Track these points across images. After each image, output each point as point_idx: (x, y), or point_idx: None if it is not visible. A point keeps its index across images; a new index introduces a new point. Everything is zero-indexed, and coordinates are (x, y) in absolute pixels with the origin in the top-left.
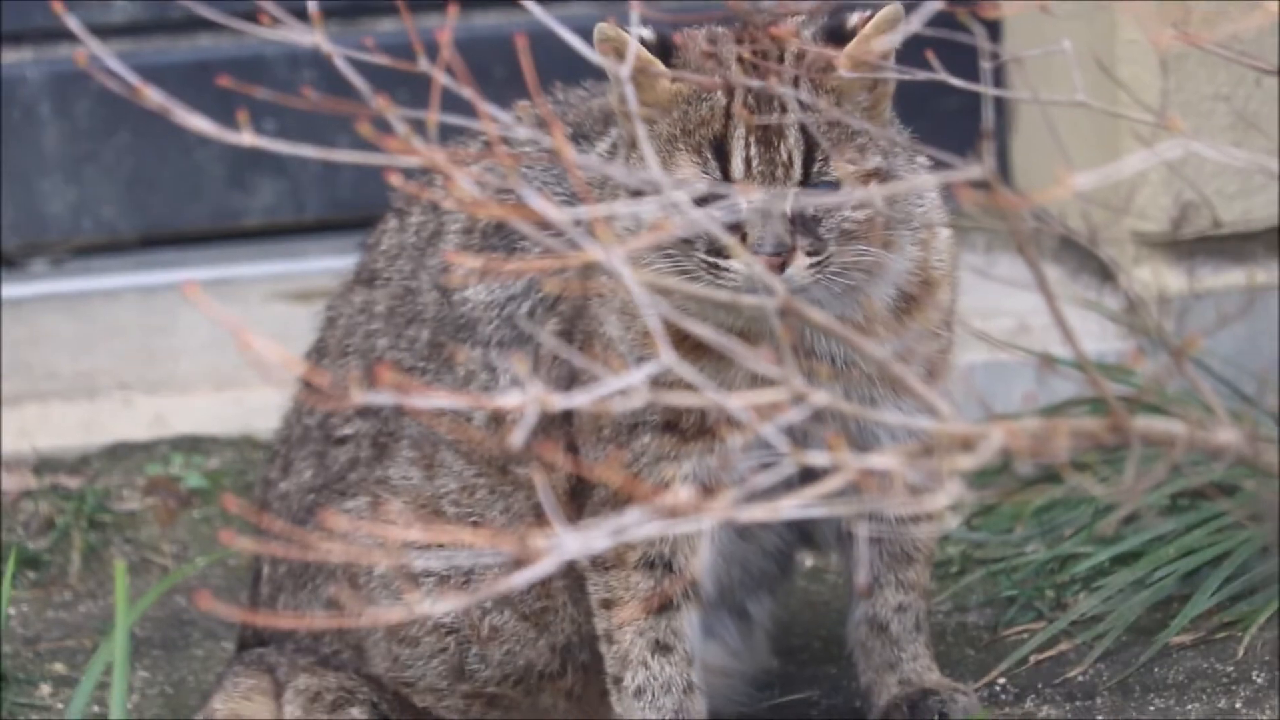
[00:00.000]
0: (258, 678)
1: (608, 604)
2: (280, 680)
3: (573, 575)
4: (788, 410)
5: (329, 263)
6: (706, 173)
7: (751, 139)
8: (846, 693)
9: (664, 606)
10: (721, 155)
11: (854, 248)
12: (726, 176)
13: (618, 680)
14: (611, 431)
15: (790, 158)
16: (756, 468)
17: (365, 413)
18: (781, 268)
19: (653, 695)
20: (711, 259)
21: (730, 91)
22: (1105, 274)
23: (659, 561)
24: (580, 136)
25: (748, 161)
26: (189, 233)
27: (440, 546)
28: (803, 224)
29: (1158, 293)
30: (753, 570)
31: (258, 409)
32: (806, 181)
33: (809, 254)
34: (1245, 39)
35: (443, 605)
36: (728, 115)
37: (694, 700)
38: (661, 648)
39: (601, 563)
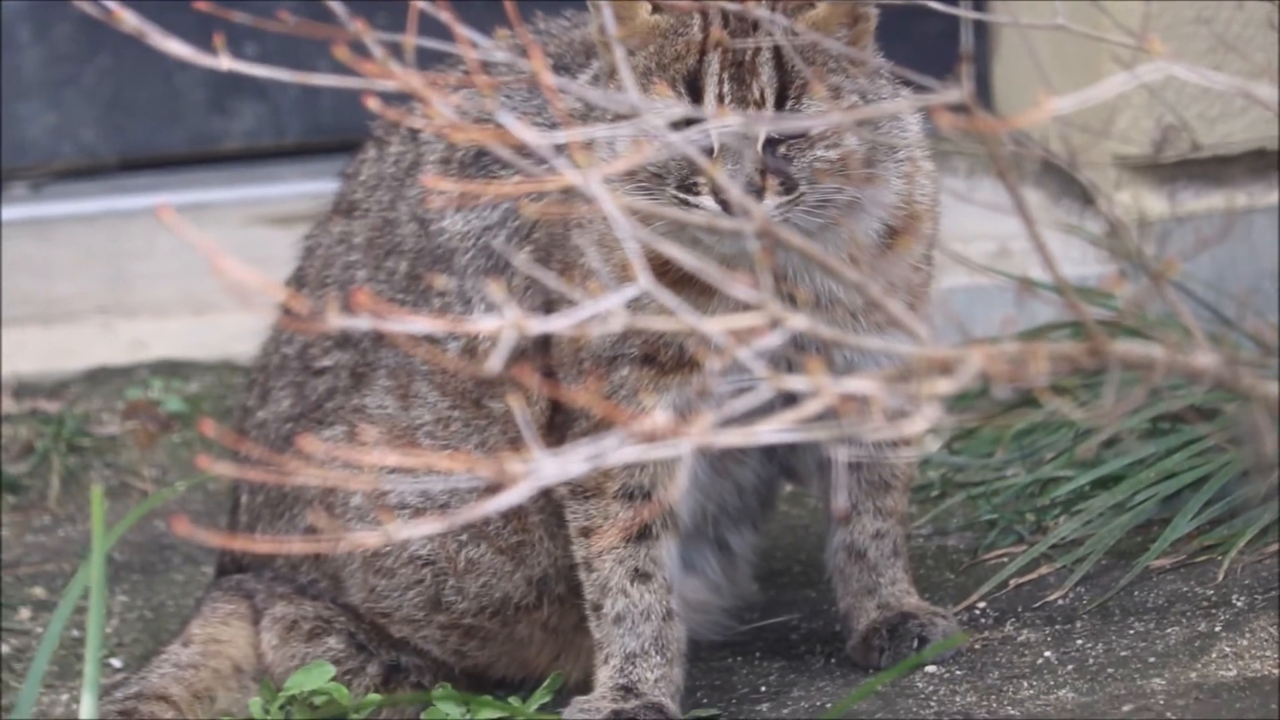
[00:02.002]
0: (236, 603)
1: (586, 532)
2: (258, 606)
3: (550, 509)
4: (766, 335)
5: (308, 187)
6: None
7: (725, 75)
8: (826, 616)
9: (643, 535)
10: (695, 91)
11: (828, 186)
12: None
13: (597, 607)
14: (591, 364)
15: (763, 94)
16: (734, 393)
17: (344, 344)
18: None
19: (632, 622)
20: (682, 194)
21: (706, 27)
22: (1087, 198)
23: (638, 492)
24: (561, 68)
25: (720, 98)
26: (169, 157)
27: (416, 475)
28: (774, 163)
29: (1138, 216)
30: (731, 507)
31: (236, 333)
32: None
33: (779, 193)
34: None
35: (418, 529)
36: (702, 51)
37: (673, 627)
38: (641, 575)
39: (581, 491)
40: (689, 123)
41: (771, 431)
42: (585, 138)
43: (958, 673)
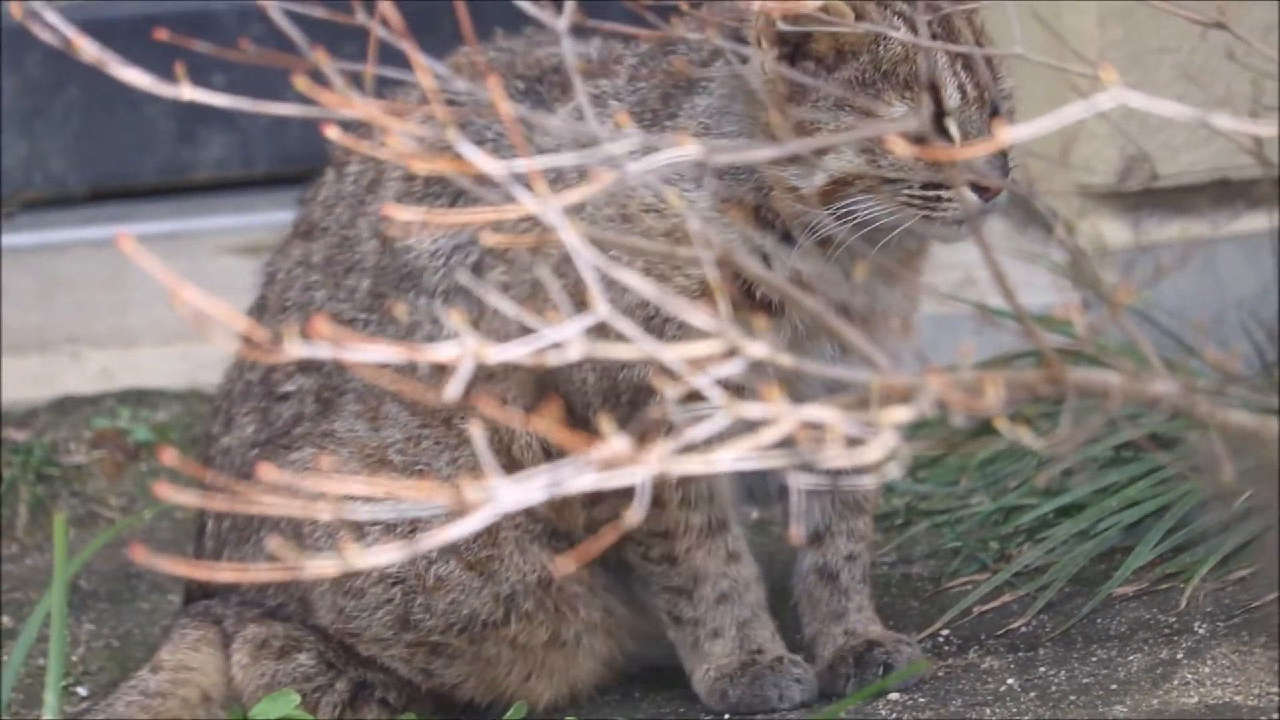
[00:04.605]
0: (205, 629)
1: (664, 534)
2: (228, 631)
3: (523, 526)
4: (724, 363)
5: (278, 216)
6: (922, 107)
7: (958, 66)
8: (791, 644)
9: (721, 527)
10: (932, 87)
11: None
12: (940, 107)
13: (689, 593)
14: (630, 396)
15: (988, 80)
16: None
17: (307, 368)
18: (999, 191)
19: (738, 595)
20: (933, 192)
21: (913, 29)
22: (1052, 228)
23: (700, 500)
24: (533, 93)
25: (962, 89)
26: (139, 187)
27: (380, 502)
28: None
29: (1101, 245)
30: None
31: (205, 362)
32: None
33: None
34: None
35: (380, 558)
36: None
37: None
38: (732, 556)
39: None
40: (938, 119)
41: (731, 459)
42: (547, 165)
43: (921, 700)
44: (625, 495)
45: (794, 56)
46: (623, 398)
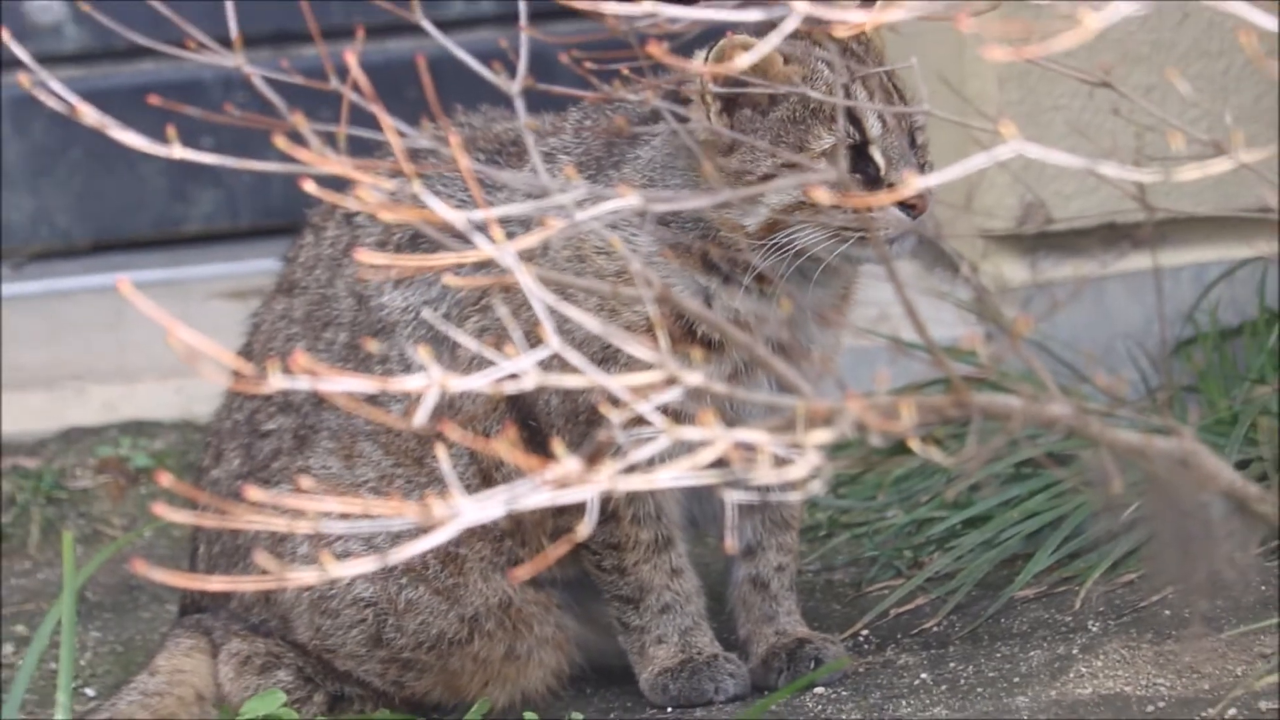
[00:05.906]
0: (196, 638)
1: (615, 546)
2: (216, 641)
3: (487, 558)
4: (664, 391)
5: (262, 264)
6: (849, 138)
7: (877, 99)
8: (727, 645)
9: (667, 544)
10: (855, 120)
11: None
12: (864, 136)
13: (636, 602)
14: (588, 415)
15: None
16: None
17: (287, 409)
18: (924, 208)
19: (680, 606)
20: (866, 214)
21: (835, 66)
22: (958, 268)
23: (648, 518)
24: (493, 163)
25: (881, 118)
26: (136, 239)
27: (357, 520)
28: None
29: (1001, 283)
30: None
31: (198, 396)
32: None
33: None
34: (1077, 54)
35: (354, 568)
36: (845, 87)
37: (703, 600)
38: (675, 572)
39: (600, 516)
40: (857, 151)
41: (671, 477)
42: (502, 213)
43: (843, 693)
44: (584, 508)
45: (732, 105)
46: (582, 417)
